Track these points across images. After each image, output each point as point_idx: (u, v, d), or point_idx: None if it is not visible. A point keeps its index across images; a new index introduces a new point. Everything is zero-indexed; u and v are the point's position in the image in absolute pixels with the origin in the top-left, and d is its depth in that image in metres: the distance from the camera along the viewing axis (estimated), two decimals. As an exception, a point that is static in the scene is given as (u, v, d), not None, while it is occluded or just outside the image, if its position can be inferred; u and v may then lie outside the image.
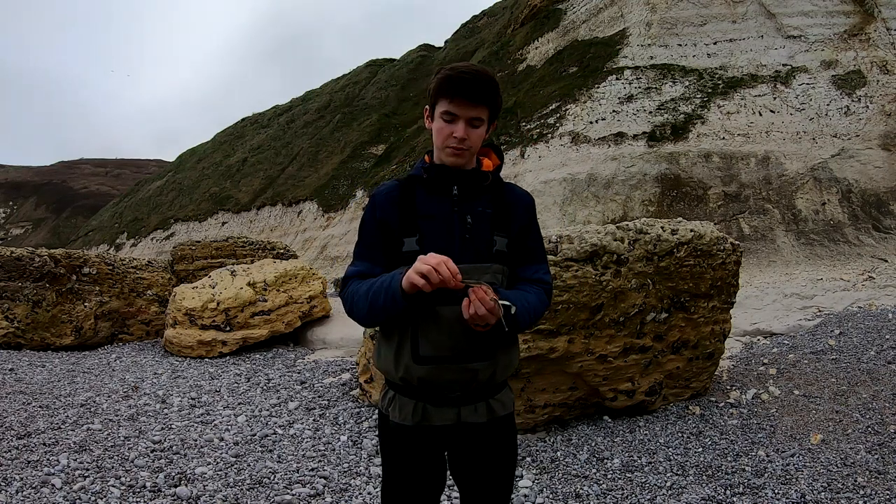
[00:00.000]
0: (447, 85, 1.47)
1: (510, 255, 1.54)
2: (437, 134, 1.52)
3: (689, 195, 14.33)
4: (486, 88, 1.46)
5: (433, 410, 1.50)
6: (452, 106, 1.46)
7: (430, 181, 1.53)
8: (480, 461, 1.57)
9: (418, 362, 1.46)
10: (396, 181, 1.58)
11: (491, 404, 1.54)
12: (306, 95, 44.25)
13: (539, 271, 1.59)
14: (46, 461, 3.18)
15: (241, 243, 10.16)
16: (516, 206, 1.58)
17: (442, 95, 1.48)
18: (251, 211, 32.75)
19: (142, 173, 69.65)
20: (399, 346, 1.50)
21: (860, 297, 7.29)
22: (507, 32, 27.87)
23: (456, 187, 1.52)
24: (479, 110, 1.47)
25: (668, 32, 18.29)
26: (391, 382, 1.57)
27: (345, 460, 3.40)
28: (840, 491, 2.76)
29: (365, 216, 1.58)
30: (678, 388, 4.20)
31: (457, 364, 1.46)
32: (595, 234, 3.69)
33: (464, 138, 1.47)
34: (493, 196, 1.56)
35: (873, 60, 16.02)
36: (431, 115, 1.55)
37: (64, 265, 7.63)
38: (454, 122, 1.48)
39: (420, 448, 1.54)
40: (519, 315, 1.41)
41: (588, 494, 2.91)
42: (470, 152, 1.51)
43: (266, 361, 6.59)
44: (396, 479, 1.59)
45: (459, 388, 1.49)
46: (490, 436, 1.55)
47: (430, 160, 1.57)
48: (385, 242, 1.52)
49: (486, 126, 1.52)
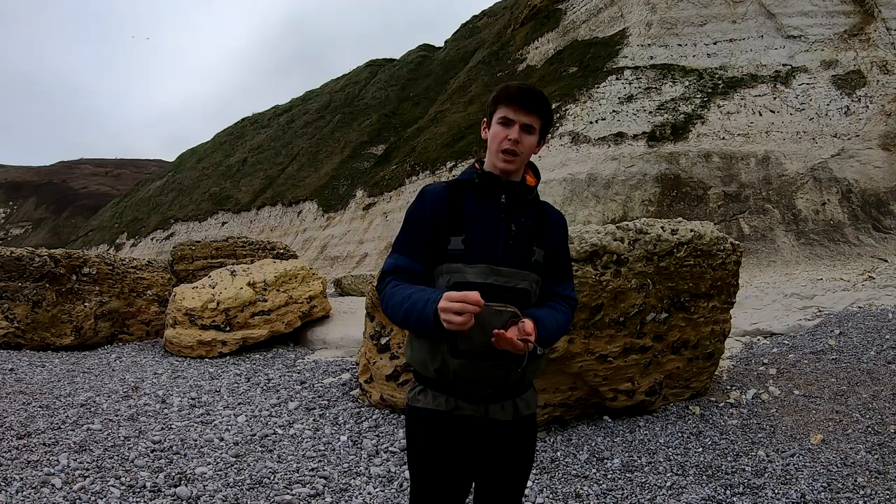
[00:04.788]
0: (506, 93, 1.59)
1: (545, 268, 1.62)
2: (492, 139, 1.60)
3: (689, 195, 14.33)
4: (539, 99, 1.59)
5: (464, 405, 1.56)
6: (509, 111, 1.57)
7: (480, 186, 1.60)
8: (502, 458, 1.61)
9: (455, 356, 1.50)
10: (446, 183, 1.64)
11: (517, 403, 1.60)
12: (306, 95, 44.25)
13: (567, 288, 1.68)
14: (46, 461, 3.18)
15: (241, 243, 10.16)
16: (553, 223, 1.67)
17: (500, 102, 1.59)
18: (251, 211, 32.76)
19: (142, 173, 69.67)
20: (435, 340, 1.53)
21: (860, 297, 7.29)
22: (507, 32, 27.85)
23: (504, 196, 1.59)
24: (533, 118, 1.58)
25: (668, 32, 18.29)
26: (423, 377, 1.61)
27: (345, 460, 3.40)
28: (840, 491, 2.76)
29: (413, 209, 1.62)
30: (678, 388, 4.20)
31: (492, 361, 1.49)
32: (595, 234, 3.69)
33: (517, 140, 1.56)
34: (533, 210, 1.65)
35: (873, 60, 16.01)
36: (489, 124, 1.65)
37: (64, 265, 7.63)
38: (510, 126, 1.57)
39: (451, 436, 1.56)
40: (548, 338, 1.51)
41: (588, 494, 2.91)
42: (521, 159, 1.59)
43: (266, 361, 6.59)
44: (428, 473, 1.60)
45: (491, 384, 1.54)
46: (514, 434, 1.61)
47: (481, 167, 1.64)
48: (431, 239, 1.56)
49: (538, 138, 1.62)
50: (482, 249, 1.53)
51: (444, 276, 1.54)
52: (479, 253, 1.53)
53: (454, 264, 1.53)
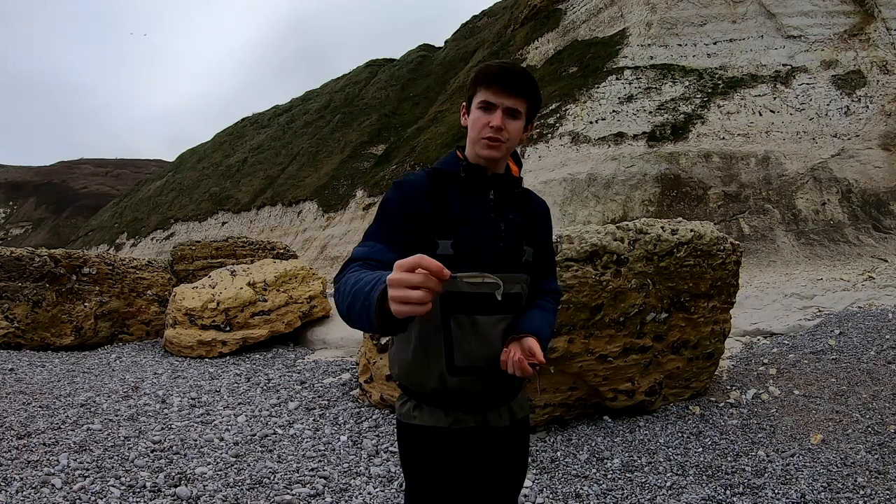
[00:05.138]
0: (485, 73, 1.41)
1: (534, 266, 1.51)
2: (472, 125, 1.44)
3: (689, 195, 14.33)
4: (524, 79, 1.41)
5: (463, 417, 1.48)
6: (490, 94, 1.40)
7: (467, 181, 1.44)
8: (501, 464, 1.54)
9: (454, 373, 1.40)
10: (425, 173, 1.46)
11: (512, 407, 1.54)
12: (306, 95, 44.24)
13: (553, 282, 1.60)
14: (46, 461, 3.18)
15: (241, 243, 10.17)
16: (539, 215, 1.55)
17: (479, 84, 1.42)
18: (251, 211, 32.76)
19: (142, 173, 69.66)
20: (429, 356, 1.41)
21: (860, 297, 7.29)
22: (507, 32, 27.86)
23: (492, 192, 1.45)
24: (517, 101, 1.41)
25: (668, 32, 18.29)
26: (416, 393, 1.48)
27: (345, 460, 3.40)
28: (840, 491, 2.76)
29: (391, 201, 1.40)
30: (678, 388, 4.20)
31: (492, 373, 1.41)
32: (595, 234, 3.69)
33: (500, 128, 1.39)
34: (520, 203, 1.51)
35: (873, 60, 16.01)
36: (468, 110, 1.48)
37: (64, 265, 7.63)
38: (491, 111, 1.41)
39: (453, 451, 1.46)
40: (547, 348, 1.44)
41: (588, 494, 2.91)
42: (506, 147, 1.43)
43: (266, 361, 6.59)
44: (431, 491, 1.46)
45: (490, 395, 1.47)
46: (511, 438, 1.54)
47: (465, 158, 1.47)
48: (413, 235, 1.36)
49: (525, 122, 1.45)
50: (473, 254, 1.38)
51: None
52: (470, 258, 1.37)
53: None
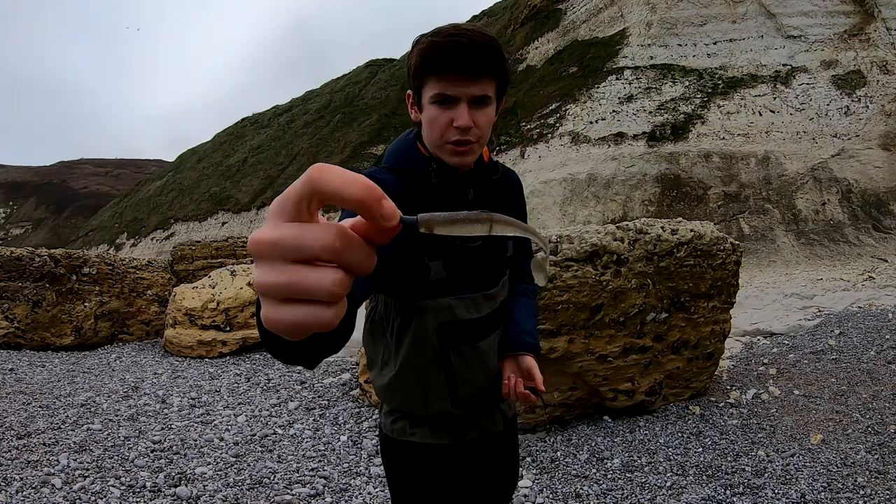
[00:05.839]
0: (433, 59, 1.04)
1: (514, 258, 1.31)
2: (430, 125, 1.10)
3: (689, 195, 14.33)
4: (486, 53, 1.03)
5: (466, 431, 1.39)
6: (446, 85, 1.05)
7: (440, 188, 1.15)
8: (498, 467, 1.49)
9: (459, 406, 1.26)
10: (393, 174, 1.14)
11: (502, 408, 1.47)
12: (306, 96, 44.24)
13: (526, 264, 1.41)
14: (46, 461, 3.18)
15: (241, 243, 10.17)
16: (512, 193, 1.32)
17: (429, 73, 1.06)
18: (251, 211, 32.75)
19: (142, 173, 69.65)
20: (429, 394, 1.25)
21: (860, 297, 7.29)
22: (507, 32, 27.86)
23: (472, 191, 1.18)
24: (484, 84, 1.06)
25: (668, 32, 18.29)
26: (412, 416, 1.31)
27: (345, 460, 3.40)
28: (840, 491, 2.76)
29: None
30: (678, 388, 4.20)
31: (493, 390, 1.33)
32: (595, 234, 3.69)
33: (469, 126, 1.06)
34: (496, 189, 1.25)
35: (873, 60, 16.02)
36: (418, 103, 1.14)
37: (64, 265, 7.62)
38: (452, 105, 1.07)
39: (454, 466, 1.35)
40: (537, 341, 1.36)
41: (588, 494, 2.91)
42: (479, 144, 1.12)
43: (266, 361, 6.59)
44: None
45: (488, 409, 1.40)
46: (504, 441, 1.49)
47: (429, 153, 1.16)
48: (396, 251, 1.11)
49: (496, 104, 1.13)
50: (467, 273, 1.17)
51: (430, 316, 1.16)
52: (464, 278, 1.16)
53: (440, 300, 1.16)
